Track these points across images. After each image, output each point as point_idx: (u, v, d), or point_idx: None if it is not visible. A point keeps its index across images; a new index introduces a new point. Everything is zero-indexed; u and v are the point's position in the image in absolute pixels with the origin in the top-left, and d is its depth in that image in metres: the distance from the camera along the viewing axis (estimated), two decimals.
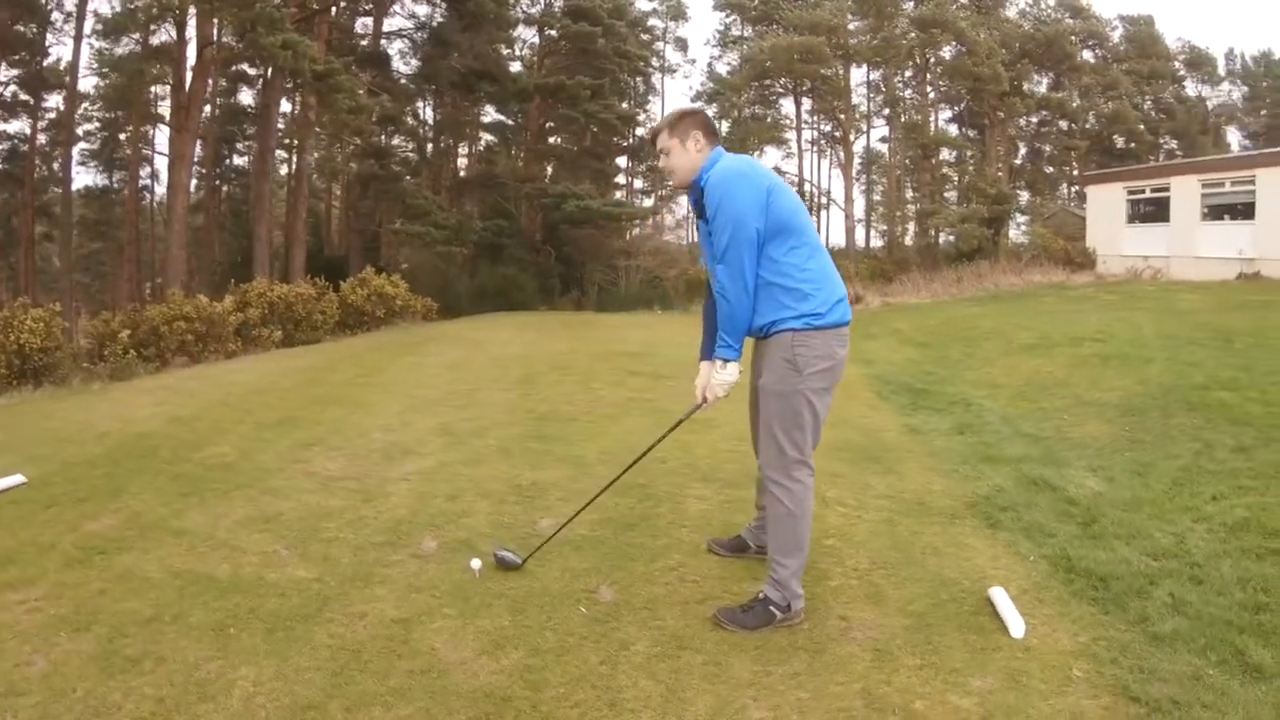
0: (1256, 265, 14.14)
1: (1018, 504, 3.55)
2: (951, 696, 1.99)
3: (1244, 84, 33.44)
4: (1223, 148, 30.02)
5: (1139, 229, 18.14)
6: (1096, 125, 28.35)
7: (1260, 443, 3.93)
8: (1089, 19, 27.26)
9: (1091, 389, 5.97)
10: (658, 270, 23.19)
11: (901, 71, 28.74)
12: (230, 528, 3.02)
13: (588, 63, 23.59)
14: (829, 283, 2.42)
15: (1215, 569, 2.61)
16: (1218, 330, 7.60)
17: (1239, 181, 15.78)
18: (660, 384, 6.45)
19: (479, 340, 9.38)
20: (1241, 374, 5.43)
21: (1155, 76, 29.00)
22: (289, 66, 16.59)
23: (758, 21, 29.35)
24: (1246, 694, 1.86)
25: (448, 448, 4.32)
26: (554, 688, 2.01)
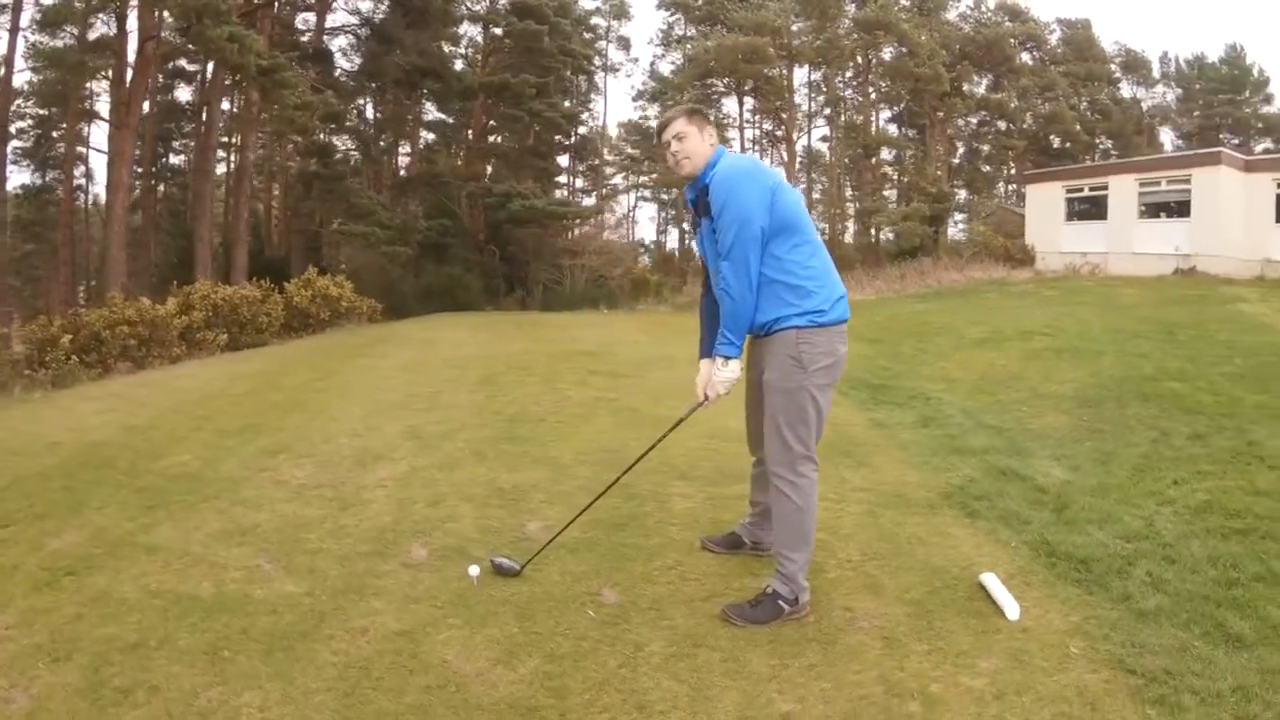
0: (1192, 261, 15.19)
1: (991, 493, 3.74)
2: (963, 678, 2.12)
3: (1178, 86, 35.62)
4: (1156, 148, 32.07)
5: (1077, 226, 19.16)
6: (1034, 125, 29.84)
7: (1213, 430, 4.27)
8: (1028, 22, 28.72)
9: (1046, 382, 6.32)
10: (603, 269, 23.35)
11: (842, 72, 29.62)
12: (205, 542, 2.93)
13: (532, 61, 23.67)
14: (830, 280, 2.53)
15: (1186, 549, 2.85)
16: (1161, 324, 8.14)
17: (1175, 180, 16.91)
18: (622, 383, 6.52)
19: (430, 341, 9.26)
20: (1188, 365, 5.86)
21: (1092, 78, 30.77)
22: (234, 61, 16.21)
23: (702, 21, 29.91)
24: (1232, 662, 2.05)
25: (419, 452, 4.29)
26: (577, 694, 2.04)
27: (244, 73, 17.06)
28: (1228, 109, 32.89)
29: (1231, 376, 5.37)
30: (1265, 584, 2.46)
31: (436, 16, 23.07)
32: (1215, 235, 15.32)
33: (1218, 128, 33.11)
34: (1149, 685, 2.00)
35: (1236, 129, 33.32)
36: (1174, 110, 34.87)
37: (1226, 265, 14.54)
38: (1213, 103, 33.15)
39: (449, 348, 8.52)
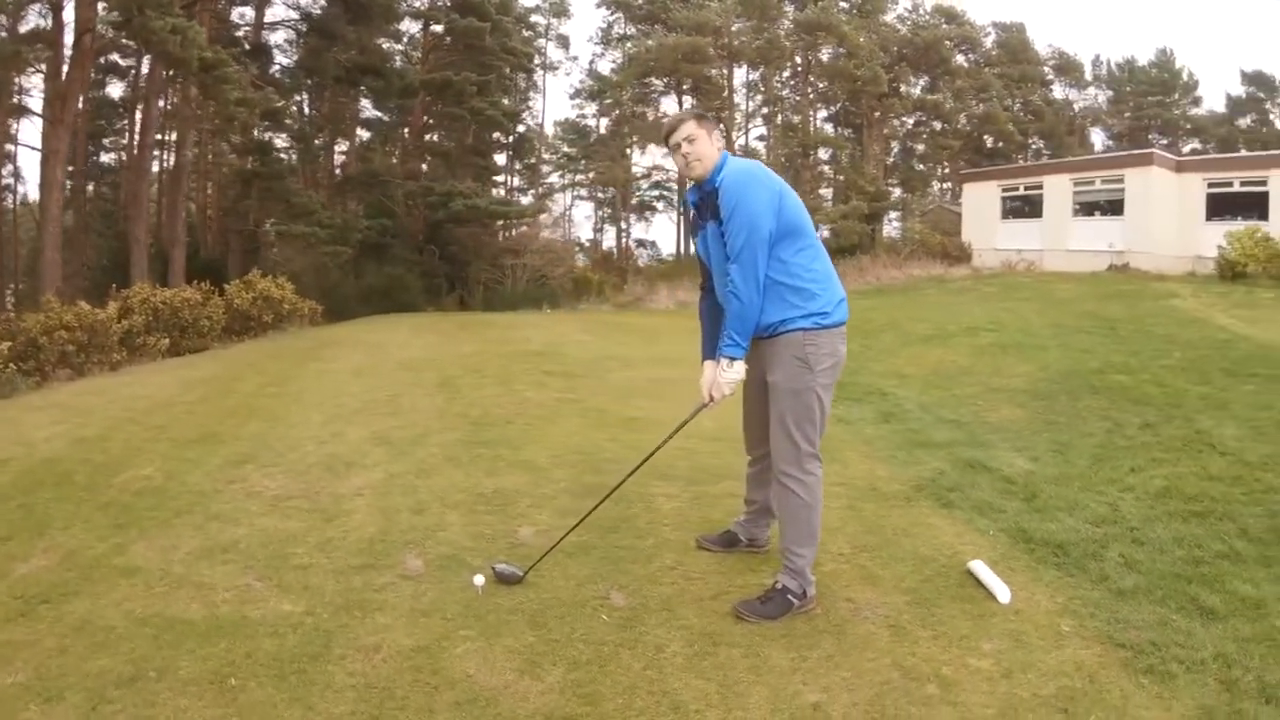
0: (1126, 257, 16.25)
1: (961, 485, 3.99)
2: (970, 660, 2.30)
3: (1109, 88, 37.86)
4: (1087, 148, 34.10)
5: (1013, 224, 20.21)
6: (969, 126, 31.27)
7: (1163, 419, 4.66)
8: (964, 25, 30.13)
9: (997, 376, 6.70)
10: (544, 269, 23.40)
11: (780, 72, 30.43)
12: (186, 561, 2.86)
13: (473, 58, 23.66)
14: (832, 283, 2.68)
15: (1151, 532, 3.13)
16: (1101, 319, 8.73)
17: (1109, 180, 18.06)
18: (580, 383, 6.61)
19: (378, 344, 9.14)
20: (1132, 359, 6.33)
21: (1025, 80, 32.47)
22: (176, 55, 15.64)
23: (643, 20, 30.27)
24: (1209, 633, 2.30)
25: (391, 458, 4.27)
26: (610, 700, 2.10)
27: (185, 68, 16.56)
28: (1157, 110, 35.13)
29: (1174, 369, 5.85)
30: (1229, 561, 2.75)
31: (379, 12, 22.86)
32: (1147, 233, 16.42)
33: (1147, 129, 35.41)
34: (1138, 657, 2.22)
35: (1165, 130, 35.68)
36: (1105, 111, 37.06)
37: (1159, 262, 15.61)
38: (1143, 104, 35.32)
39: (399, 350, 8.43)
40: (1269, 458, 3.78)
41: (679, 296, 20.07)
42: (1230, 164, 19.19)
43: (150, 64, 19.06)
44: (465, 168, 25.11)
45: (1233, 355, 6.15)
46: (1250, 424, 4.36)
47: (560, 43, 35.12)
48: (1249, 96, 35.28)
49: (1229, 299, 10.12)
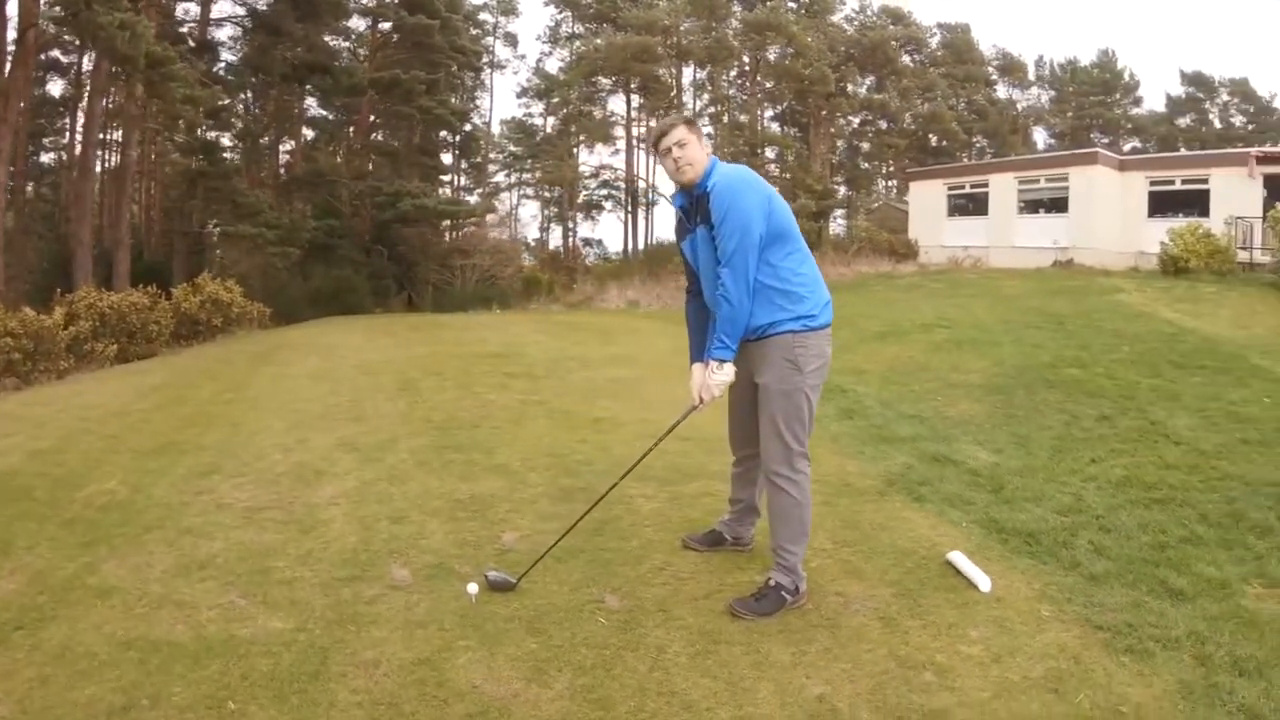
0: (1070, 254, 16.96)
1: (930, 478, 4.17)
2: (961, 647, 2.43)
3: (1051, 88, 39.61)
4: (1030, 146, 35.61)
5: (959, 221, 20.92)
6: (914, 125, 32.27)
7: (1118, 412, 4.93)
8: (910, 26, 31.13)
9: (953, 372, 6.96)
10: (494, 269, 23.34)
11: (727, 71, 30.90)
12: (163, 580, 2.79)
13: (422, 57, 23.63)
14: (819, 287, 2.79)
15: (1116, 519, 3.34)
16: (1049, 314, 9.12)
17: (1053, 179, 18.83)
18: (542, 385, 6.63)
19: (332, 347, 8.96)
20: (1083, 353, 6.66)
21: (970, 80, 33.76)
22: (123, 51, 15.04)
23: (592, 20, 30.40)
24: (1179, 612, 2.49)
25: (361, 465, 4.23)
26: (622, 703, 2.14)
27: (132, 65, 15.98)
28: (1099, 110, 36.91)
29: (1124, 362, 6.18)
30: (1191, 545, 2.95)
31: (327, 9, 22.63)
32: (1091, 230, 17.16)
33: (1089, 128, 37.13)
34: (1116, 638, 2.39)
35: (1107, 129, 37.48)
36: (1048, 111, 38.74)
37: (1102, 257, 16.34)
38: (1085, 104, 37.10)
39: (354, 353, 8.29)
40: (1222, 446, 4.06)
41: (629, 295, 20.24)
42: (1172, 163, 20.15)
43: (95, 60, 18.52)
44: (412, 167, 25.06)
45: (1180, 348, 6.53)
46: (1201, 414, 4.66)
47: (508, 41, 35.17)
48: (1188, 96, 37.38)
49: (1172, 293, 10.69)
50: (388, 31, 25.29)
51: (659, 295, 20.06)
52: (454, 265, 22.68)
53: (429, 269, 22.82)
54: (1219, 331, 7.50)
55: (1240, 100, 37.30)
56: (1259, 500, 3.29)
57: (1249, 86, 37.00)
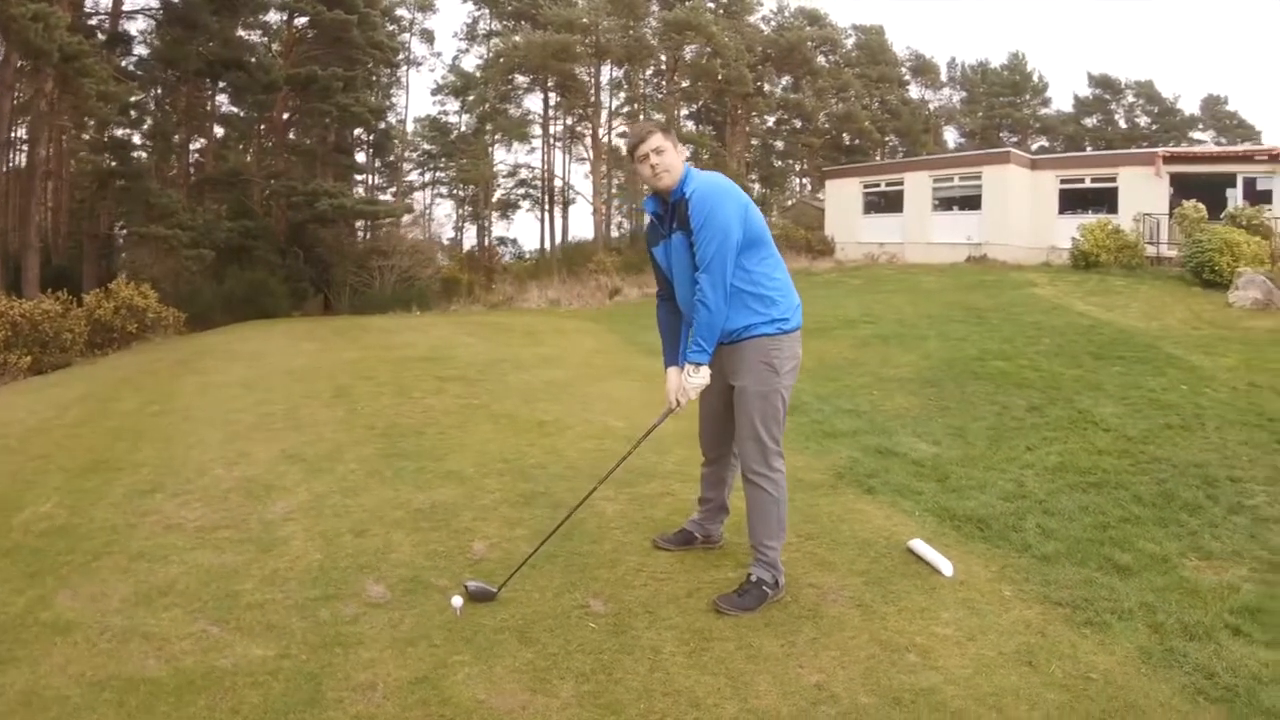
0: (983, 249, 17.97)
1: (878, 471, 4.39)
2: (936, 629, 2.60)
3: (962, 89, 41.51)
4: (941, 145, 37.31)
5: (875, 219, 21.83)
6: (828, 124, 33.40)
7: (1046, 401, 5.31)
8: (826, 27, 32.21)
9: (884, 366, 7.31)
10: (413, 270, 22.90)
11: (644, 70, 31.25)
12: (123, 610, 2.64)
13: (339, 53, 23.09)
14: (791, 291, 2.91)
15: (1058, 503, 3.62)
16: (969, 308, 9.68)
17: (967, 177, 19.88)
18: (479, 388, 6.60)
19: (257, 353, 8.60)
20: (1006, 345, 7.12)
21: (884, 80, 35.16)
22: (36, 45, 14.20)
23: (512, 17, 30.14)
24: (1128, 586, 2.74)
25: (310, 477, 4.13)
26: (631, 706, 2.19)
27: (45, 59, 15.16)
28: (1008, 110, 38.86)
29: (1047, 354, 6.65)
30: (1130, 524, 3.25)
31: (244, 2, 21.90)
32: (1004, 226, 18.19)
33: (998, 127, 39.15)
34: (1075, 612, 2.62)
35: (1016, 128, 39.56)
36: (959, 111, 40.65)
37: (1014, 253, 17.38)
38: (995, 104, 38.93)
39: (280, 359, 7.99)
40: (1147, 432, 4.46)
41: (550, 295, 20.26)
42: (1082, 162, 21.47)
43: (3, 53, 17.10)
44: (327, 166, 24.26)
45: (1097, 340, 7.07)
46: (1124, 402, 5.09)
47: (424, 37, 34.37)
48: (1095, 98, 39.63)
49: (1084, 287, 11.49)
50: (304, 26, 24.47)
51: (579, 294, 20.14)
52: (372, 266, 22.12)
53: (346, 270, 22.21)
54: (1132, 323, 8.15)
55: (1145, 102, 39.49)
56: (1187, 481, 3.65)
57: (1154, 88, 39.20)
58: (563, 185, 34.53)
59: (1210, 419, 4.61)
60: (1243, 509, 3.33)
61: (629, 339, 9.97)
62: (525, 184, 34.65)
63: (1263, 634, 2.32)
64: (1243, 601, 2.52)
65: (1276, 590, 2.60)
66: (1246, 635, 2.32)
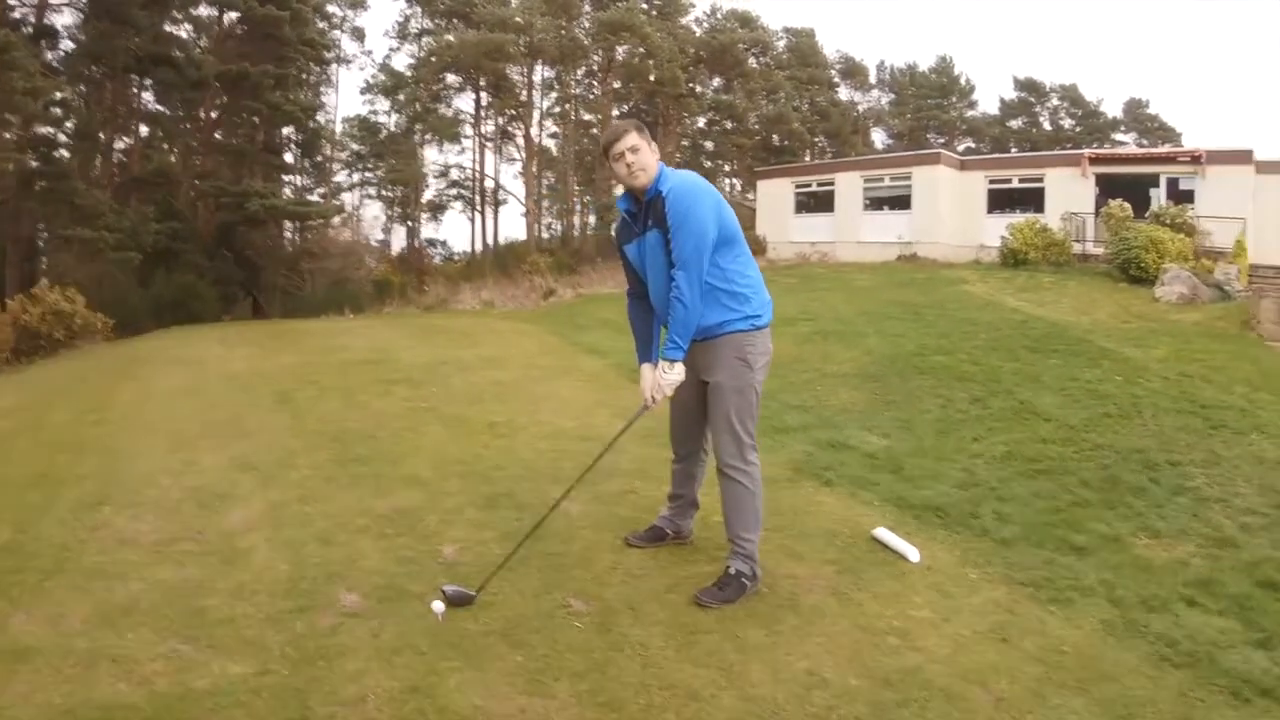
0: (913, 248, 18.59)
1: (833, 464, 4.52)
2: (912, 612, 2.71)
3: (891, 91, 42.43)
4: (870, 146, 38.36)
5: (806, 218, 22.35)
6: (759, 125, 33.99)
7: (988, 394, 5.57)
8: (757, 29, 32.72)
9: (827, 363, 7.51)
10: (344, 272, 22.36)
11: (576, 70, 31.26)
12: (86, 632, 2.49)
13: (271, 50, 22.32)
14: (762, 288, 2.98)
15: (1010, 489, 3.82)
16: (905, 305, 10.02)
17: (897, 177, 20.53)
18: (425, 391, 6.52)
19: (192, 359, 8.23)
20: (944, 341, 7.41)
21: (814, 82, 35.90)
22: None
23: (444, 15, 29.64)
24: (1086, 564, 2.92)
25: (264, 486, 3.99)
26: (631, 702, 2.21)
27: None
28: (936, 112, 40.09)
29: (984, 348, 6.96)
30: (1080, 507, 3.45)
31: None
32: (934, 225, 18.85)
33: (926, 129, 40.38)
34: (1039, 591, 2.77)
35: (943, 130, 40.83)
36: (887, 112, 41.72)
37: (944, 251, 18.02)
38: (922, 106, 40.08)
39: (217, 365, 7.66)
40: (1087, 421, 4.73)
41: (483, 296, 20.07)
42: (1010, 163, 22.50)
43: None
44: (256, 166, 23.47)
45: (1032, 334, 7.44)
46: (1063, 393, 5.38)
47: (355, 35, 33.36)
48: (1020, 100, 41.24)
49: (1013, 284, 12.02)
50: (235, 22, 23.58)
51: (513, 296, 20.02)
52: (303, 269, 21.50)
53: (276, 273, 21.55)
54: (1064, 318, 8.59)
55: (1069, 105, 41.12)
56: (1130, 466, 3.89)
57: (1078, 92, 40.79)
58: (494, 186, 34.17)
59: (1146, 407, 4.93)
60: (1184, 490, 3.59)
61: (569, 340, 9.96)
62: (457, 185, 34.15)
63: (1215, 604, 2.51)
64: (1194, 575, 2.72)
65: (1223, 564, 2.82)
66: (1201, 605, 2.51)
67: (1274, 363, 6.44)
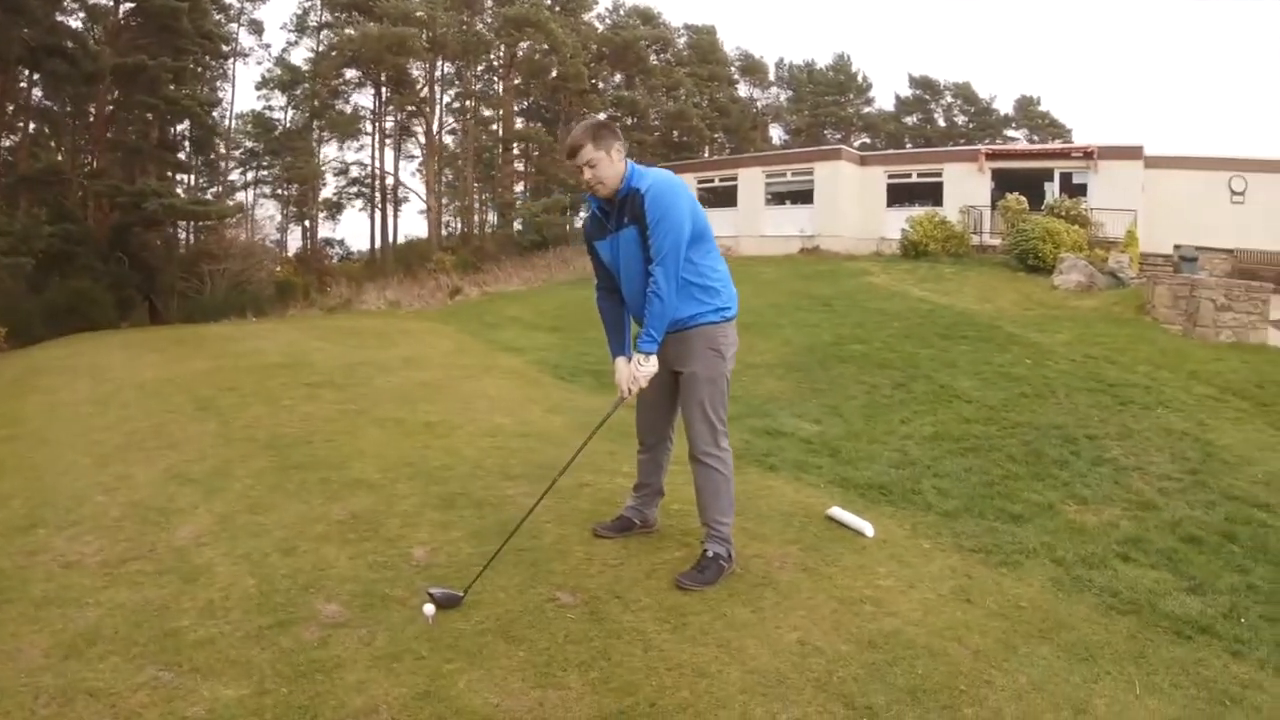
0: (816, 241, 19.31)
1: (772, 450, 4.73)
2: (879, 582, 2.91)
3: (789, 88, 43.42)
4: (768, 142, 39.24)
5: (709, 213, 22.66)
6: (660, 121, 34.36)
7: (909, 379, 5.92)
8: (659, 27, 33.01)
9: (748, 354, 7.75)
10: (246, 273, 21.21)
11: (476, 65, 30.72)
12: (52, 667, 2.29)
13: (168, 42, 20.85)
14: (729, 282, 3.10)
15: (943, 467, 4.11)
16: (814, 298, 10.46)
17: (799, 172, 21.21)
18: (350, 393, 6.37)
19: (98, 368, 7.62)
20: (859, 330, 7.82)
21: (714, 79, 36.46)
22: None
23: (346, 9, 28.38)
24: (1026, 530, 3.20)
25: (207, 498, 3.78)
26: (643, 684, 2.26)
27: None
28: (833, 109, 41.27)
29: (898, 336, 7.38)
30: (1012, 480, 3.76)
31: None
32: (835, 219, 19.62)
33: (823, 125, 41.53)
34: (989, 556, 3.02)
35: (839, 126, 42.06)
36: (785, 109, 42.71)
37: (846, 244, 18.78)
38: (820, 103, 41.15)
39: (126, 373, 7.12)
40: (1005, 402, 5.12)
41: (388, 296, 19.55)
42: (909, 158, 23.56)
43: None
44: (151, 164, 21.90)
45: (941, 322, 7.93)
46: (978, 376, 5.80)
47: (253, 28, 31.32)
48: (915, 97, 42.98)
49: (916, 274, 12.67)
50: (130, 13, 21.83)
51: (419, 295, 19.62)
52: (202, 271, 20.23)
53: (174, 276, 20.16)
54: (969, 306, 9.18)
55: (963, 102, 43.01)
56: (1050, 441, 4.27)
57: (971, 89, 42.67)
58: (394, 183, 33.07)
59: (1059, 387, 5.40)
60: (1104, 461, 3.98)
61: (483, 339, 9.87)
62: (358, 182, 32.81)
63: (1147, 559, 2.83)
64: (1124, 535, 3.05)
65: (1148, 524, 3.16)
66: (1135, 561, 2.82)
67: (1171, 344, 7.12)
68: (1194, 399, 5.56)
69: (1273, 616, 2.53)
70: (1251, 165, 17.78)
